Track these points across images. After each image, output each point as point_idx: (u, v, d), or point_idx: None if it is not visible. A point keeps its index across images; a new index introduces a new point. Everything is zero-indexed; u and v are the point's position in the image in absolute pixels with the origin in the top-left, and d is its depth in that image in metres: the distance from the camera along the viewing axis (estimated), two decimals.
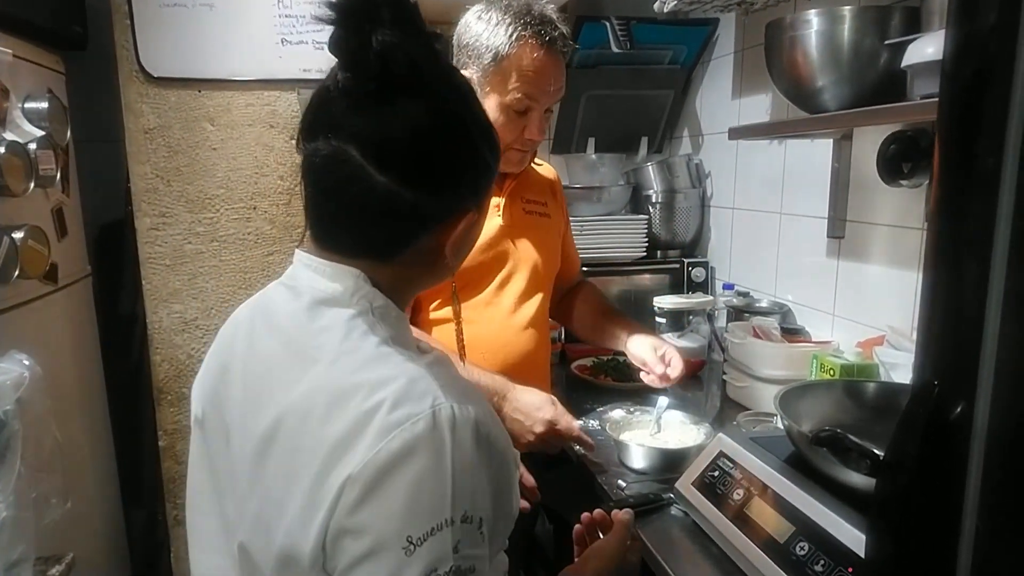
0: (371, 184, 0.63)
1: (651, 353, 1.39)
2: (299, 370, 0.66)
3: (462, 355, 0.86)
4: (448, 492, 0.59)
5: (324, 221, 0.69)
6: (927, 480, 0.58)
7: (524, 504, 1.03)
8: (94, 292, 1.80)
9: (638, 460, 1.26)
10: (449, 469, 0.59)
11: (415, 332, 1.23)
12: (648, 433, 1.34)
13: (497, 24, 1.23)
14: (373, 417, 0.59)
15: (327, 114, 0.65)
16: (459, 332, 0.83)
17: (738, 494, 1.01)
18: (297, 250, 0.72)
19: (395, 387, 0.61)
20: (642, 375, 1.43)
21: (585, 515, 0.98)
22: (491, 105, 1.26)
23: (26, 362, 1.15)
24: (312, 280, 0.69)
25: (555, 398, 1.26)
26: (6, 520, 1.06)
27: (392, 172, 0.63)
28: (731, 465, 1.07)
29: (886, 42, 1.17)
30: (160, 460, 1.88)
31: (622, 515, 0.95)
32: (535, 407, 1.22)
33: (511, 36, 1.21)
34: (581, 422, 1.31)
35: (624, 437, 1.29)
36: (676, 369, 1.37)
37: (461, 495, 0.60)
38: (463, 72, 1.27)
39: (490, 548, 0.65)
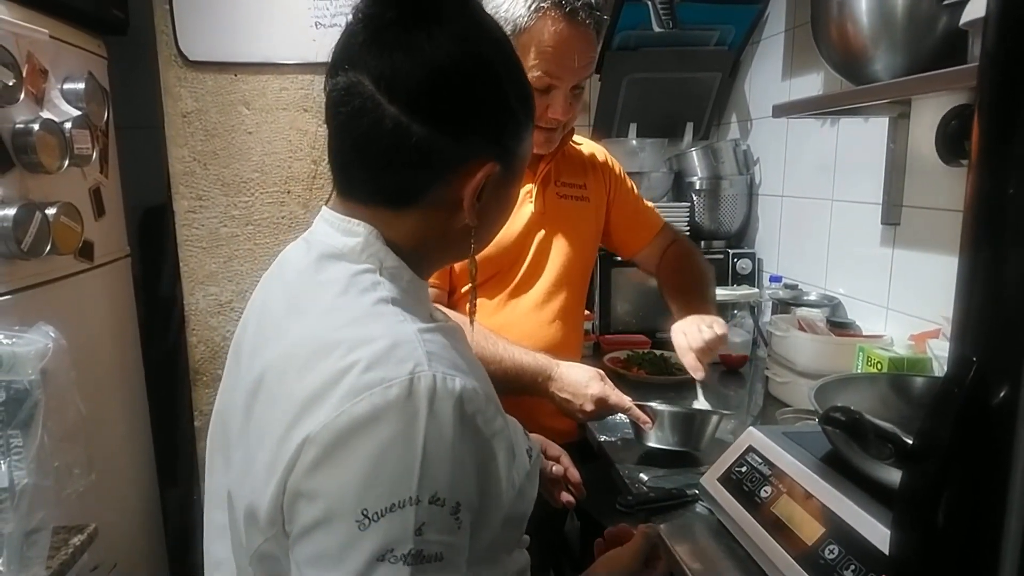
0: (381, 115, 0.60)
1: (686, 355, 1.27)
2: (290, 322, 0.64)
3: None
4: (415, 468, 0.53)
5: (341, 163, 0.66)
6: (961, 471, 0.50)
7: (568, 498, 0.98)
8: (136, 273, 1.85)
9: (655, 430, 1.17)
10: (420, 443, 0.54)
11: (446, 311, 1.23)
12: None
13: None
14: (345, 376, 0.56)
15: (348, 47, 0.63)
16: (472, 310, 0.79)
17: (766, 492, 0.94)
18: (323, 206, 0.70)
19: (376, 347, 0.57)
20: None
21: (609, 530, 0.91)
22: None
23: (52, 334, 1.17)
24: (325, 234, 0.67)
25: (602, 372, 1.20)
26: (26, 487, 1.08)
27: (402, 103, 0.60)
28: (760, 461, 0.99)
29: (944, 2, 1.06)
30: (195, 440, 1.91)
31: (644, 527, 0.88)
32: (582, 384, 1.17)
33: (530, 7, 1.14)
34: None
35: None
36: (700, 352, 1.24)
37: (431, 473, 0.54)
38: None
39: (476, 539, 0.60)
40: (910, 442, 0.50)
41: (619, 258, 1.65)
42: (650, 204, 1.55)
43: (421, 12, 0.60)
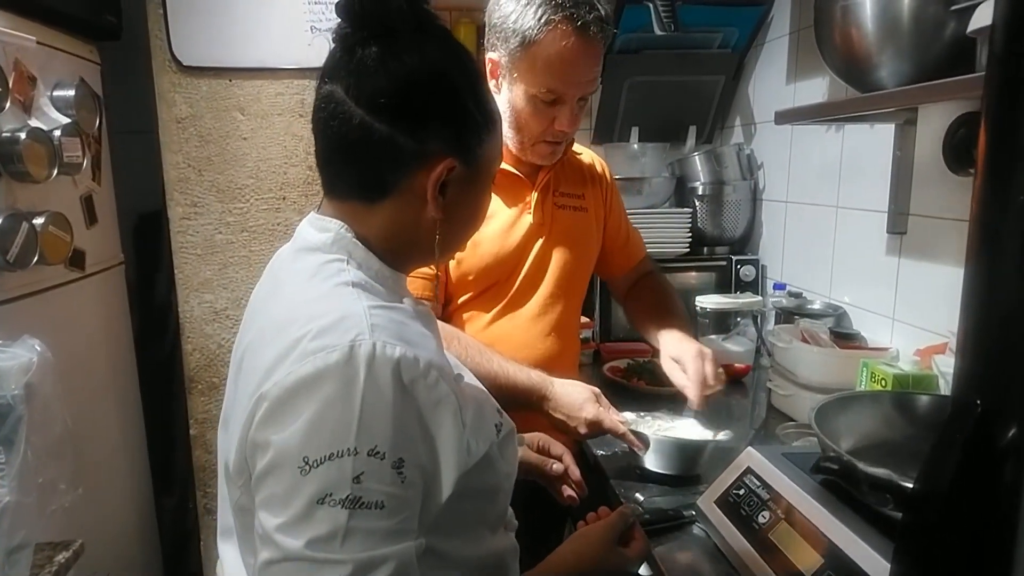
0: (350, 116, 0.68)
1: (682, 377, 1.25)
2: (268, 304, 0.74)
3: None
4: (353, 423, 0.59)
5: (323, 162, 0.75)
6: (965, 519, 0.47)
7: (571, 494, 1.02)
8: (131, 280, 1.83)
9: (649, 453, 1.15)
10: (358, 401, 0.60)
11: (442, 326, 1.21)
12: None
13: (527, 4, 1.13)
14: (298, 344, 0.63)
15: (329, 62, 0.72)
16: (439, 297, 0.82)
17: (764, 517, 0.91)
18: (312, 211, 0.79)
19: (326, 320, 0.64)
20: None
21: (591, 515, 0.94)
22: (518, 93, 1.18)
23: (37, 347, 1.15)
24: (305, 231, 0.75)
25: (598, 391, 1.18)
26: (8, 505, 1.06)
27: (366, 105, 0.68)
28: (758, 484, 0.96)
29: (952, 8, 1.02)
30: (191, 449, 1.89)
31: (622, 507, 0.91)
32: (576, 407, 1.15)
33: (540, 19, 1.11)
34: (630, 414, 1.22)
35: (635, 427, 1.18)
36: (709, 386, 1.23)
37: (370, 429, 0.60)
38: (491, 54, 1.21)
39: (432, 498, 0.66)
40: (909, 485, 0.47)
41: None
42: (636, 229, 1.54)
43: (385, 30, 0.69)
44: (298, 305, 0.68)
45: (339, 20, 0.71)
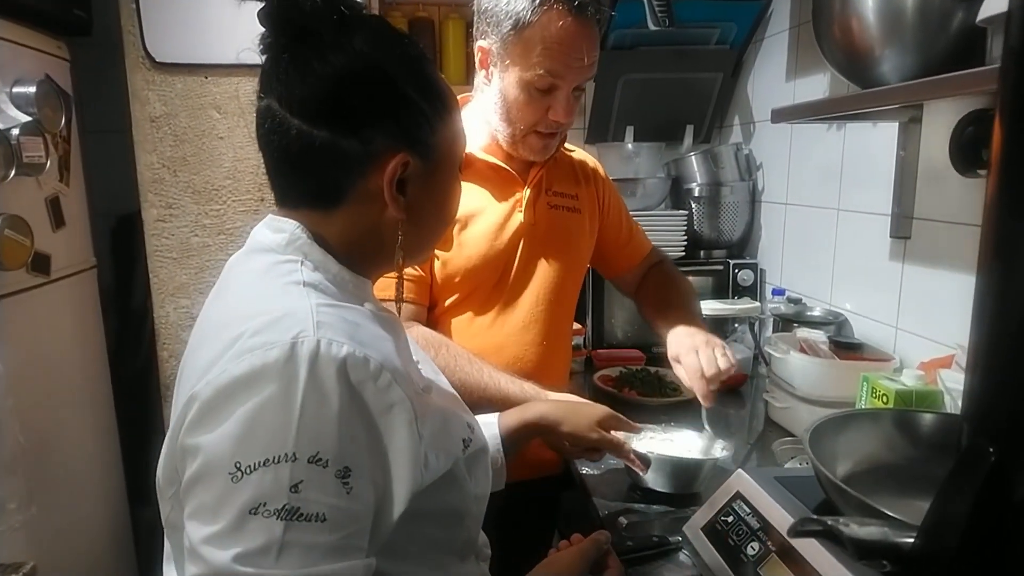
0: (288, 128, 0.65)
1: (683, 378, 1.18)
2: (213, 306, 0.70)
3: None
4: (292, 426, 0.55)
5: (271, 176, 0.71)
6: None
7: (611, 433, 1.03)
8: (104, 285, 1.77)
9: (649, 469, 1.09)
10: (298, 402, 0.56)
11: (425, 329, 1.15)
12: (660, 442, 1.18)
13: None
14: (236, 342, 0.59)
15: (261, 75, 0.69)
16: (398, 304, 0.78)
17: (753, 548, 0.84)
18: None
19: (267, 317, 0.60)
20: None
21: (563, 542, 0.89)
22: (511, 80, 1.11)
23: None
24: (258, 232, 0.72)
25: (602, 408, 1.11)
26: None
27: (301, 114, 0.65)
28: (748, 511, 0.88)
29: None
30: None
31: (595, 533, 0.87)
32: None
33: (533, 0, 1.05)
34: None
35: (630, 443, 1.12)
36: (707, 378, 1.14)
37: (311, 433, 0.56)
38: (480, 42, 1.14)
39: (385, 514, 0.61)
40: (908, 541, 0.40)
41: None
42: (638, 222, 1.46)
43: (307, 33, 0.65)
44: (241, 303, 0.65)
45: (262, 27, 0.68)
